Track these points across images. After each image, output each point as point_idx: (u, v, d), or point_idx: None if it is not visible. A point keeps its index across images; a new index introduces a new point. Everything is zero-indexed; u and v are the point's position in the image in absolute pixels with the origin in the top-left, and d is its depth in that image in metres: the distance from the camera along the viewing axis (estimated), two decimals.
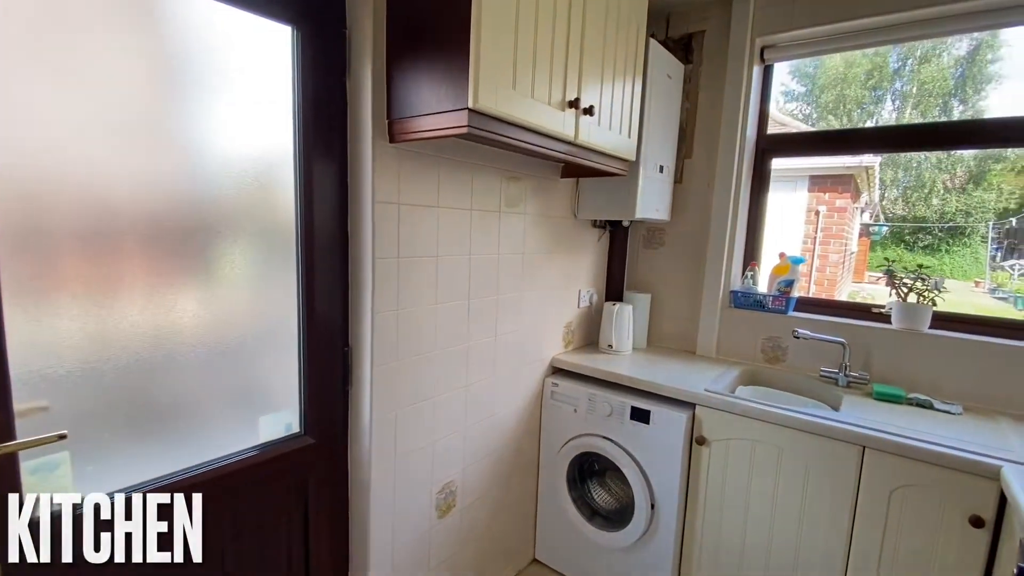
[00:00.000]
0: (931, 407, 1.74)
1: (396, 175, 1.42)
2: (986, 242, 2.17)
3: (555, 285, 2.14)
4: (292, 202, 1.33)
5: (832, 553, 1.59)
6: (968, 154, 1.97)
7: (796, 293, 2.18)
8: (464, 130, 1.21)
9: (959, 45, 1.99)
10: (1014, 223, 2.18)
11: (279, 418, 1.38)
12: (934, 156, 2.02)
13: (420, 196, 1.51)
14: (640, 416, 1.88)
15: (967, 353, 1.80)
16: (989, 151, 1.92)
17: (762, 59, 2.21)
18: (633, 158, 1.91)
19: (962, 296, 1.81)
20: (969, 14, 1.77)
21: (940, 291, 1.89)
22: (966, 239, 2.19)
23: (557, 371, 2.22)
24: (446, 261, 1.61)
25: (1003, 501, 1.32)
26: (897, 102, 1.98)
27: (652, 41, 1.93)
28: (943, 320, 1.91)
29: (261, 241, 1.30)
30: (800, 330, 1.97)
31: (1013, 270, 2.08)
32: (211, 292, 1.21)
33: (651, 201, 2.12)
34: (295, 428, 1.42)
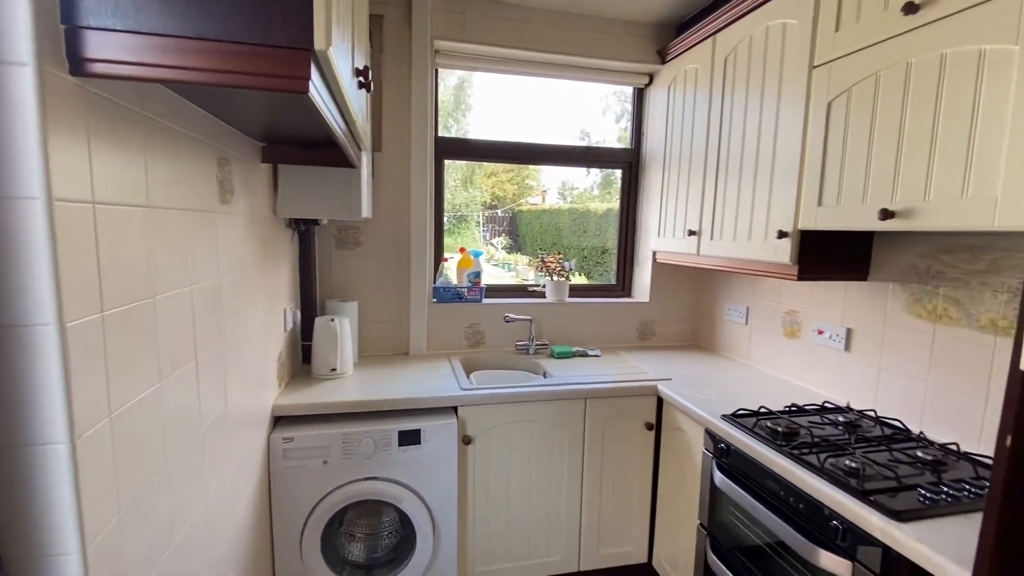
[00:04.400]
0: (586, 355, 2.38)
1: (85, 145, 0.69)
2: (479, 225, 3.14)
3: (267, 307, 1.58)
4: None
5: (573, 491, 1.97)
6: (460, 162, 2.63)
7: (484, 282, 2.44)
8: (302, 85, 0.72)
9: (450, 80, 2.65)
10: (500, 213, 3.22)
11: None
12: (449, 163, 2.69)
13: (125, 188, 0.78)
14: (410, 439, 1.69)
15: (587, 312, 2.54)
16: (473, 163, 2.65)
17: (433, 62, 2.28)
18: (366, 147, 1.62)
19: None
20: (573, 67, 2.42)
21: (572, 270, 2.57)
22: (467, 224, 3.10)
23: (281, 421, 1.67)
24: (167, 301, 0.92)
25: (659, 409, 1.99)
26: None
27: None
28: (572, 290, 2.62)
29: None
30: (509, 315, 2.25)
31: (496, 246, 3.11)
32: None
33: (367, 197, 1.86)
34: None
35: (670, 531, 1.92)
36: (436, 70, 2.32)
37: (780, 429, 1.46)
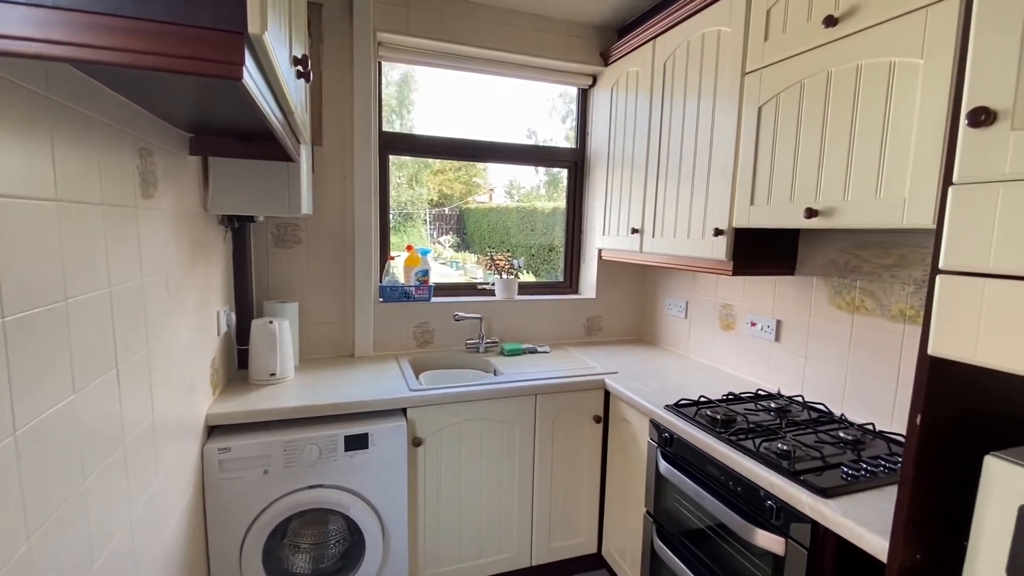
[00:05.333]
0: (535, 351, 2.41)
1: None
2: (426, 224, 3.10)
3: (197, 310, 1.48)
4: None
5: (524, 487, 1.98)
6: (408, 159, 2.59)
7: (432, 281, 2.40)
8: (236, 71, 0.67)
9: (393, 75, 2.61)
10: (447, 211, 3.20)
11: None
12: (394, 159, 2.50)
13: (28, 180, 0.71)
14: (357, 443, 1.64)
15: (536, 309, 2.56)
16: (420, 159, 2.58)
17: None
18: (307, 140, 1.55)
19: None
20: (518, 65, 2.43)
21: (521, 268, 2.58)
22: (414, 222, 3.05)
23: (216, 431, 1.57)
24: (81, 305, 0.84)
25: (606, 402, 2.04)
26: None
27: None
28: (521, 288, 2.63)
29: None
30: (459, 313, 2.23)
31: (444, 244, 3.08)
32: None
33: (307, 193, 1.78)
34: None
35: (618, 520, 1.98)
36: (379, 63, 2.26)
37: (719, 417, 1.53)
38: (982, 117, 0.74)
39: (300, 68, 1.08)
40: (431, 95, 2.56)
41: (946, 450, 0.87)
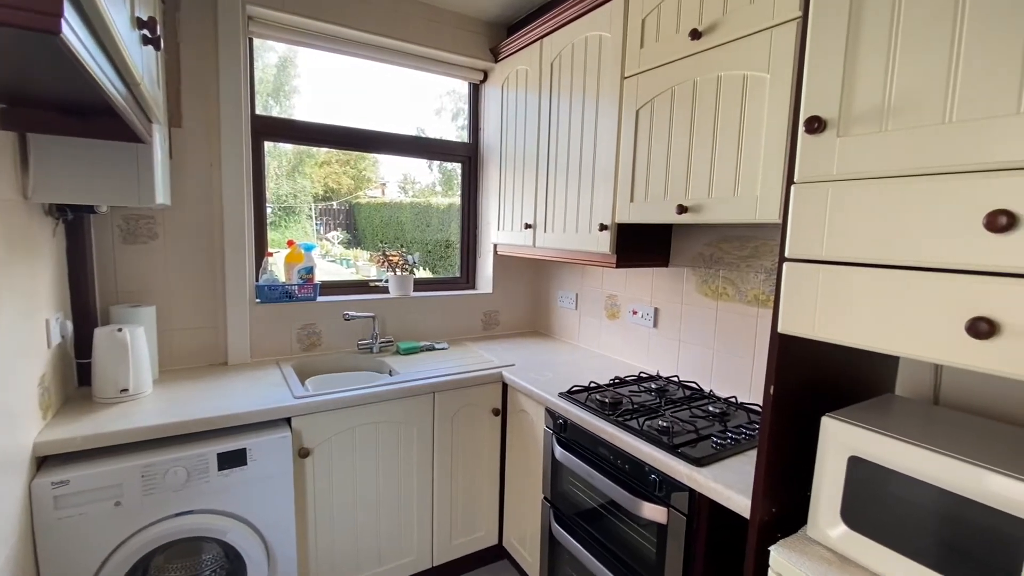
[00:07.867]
0: (433, 349, 2.36)
1: None
2: (311, 219, 2.94)
3: (15, 317, 1.22)
4: None
5: (424, 488, 1.93)
6: (287, 147, 2.46)
7: (318, 279, 2.24)
8: (53, 23, 0.55)
9: (270, 57, 2.45)
10: (335, 205, 3.08)
11: None
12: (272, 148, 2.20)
13: None
14: (233, 460, 1.48)
15: (432, 305, 2.52)
16: (301, 150, 2.41)
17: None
18: (160, 119, 1.35)
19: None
20: (406, 54, 2.36)
21: (416, 264, 2.52)
22: (297, 216, 2.88)
23: (49, 461, 1.31)
24: None
25: (504, 394, 2.07)
26: None
27: None
28: (416, 284, 2.56)
29: None
30: (349, 312, 2.11)
31: (332, 240, 2.97)
32: None
33: (162, 180, 1.56)
34: None
35: (518, 510, 2.02)
36: (250, 40, 2.05)
37: (607, 400, 1.62)
38: (815, 125, 0.86)
39: (147, 32, 0.93)
40: (314, 83, 2.39)
41: (795, 415, 1.01)
